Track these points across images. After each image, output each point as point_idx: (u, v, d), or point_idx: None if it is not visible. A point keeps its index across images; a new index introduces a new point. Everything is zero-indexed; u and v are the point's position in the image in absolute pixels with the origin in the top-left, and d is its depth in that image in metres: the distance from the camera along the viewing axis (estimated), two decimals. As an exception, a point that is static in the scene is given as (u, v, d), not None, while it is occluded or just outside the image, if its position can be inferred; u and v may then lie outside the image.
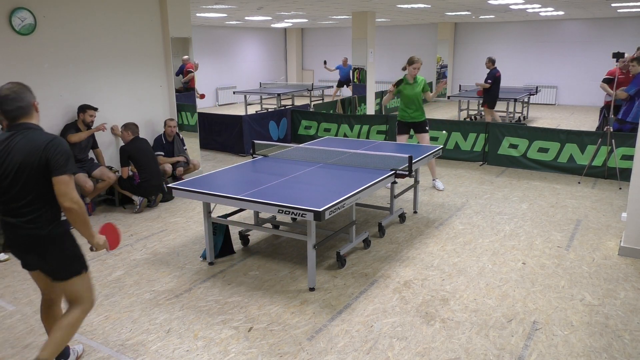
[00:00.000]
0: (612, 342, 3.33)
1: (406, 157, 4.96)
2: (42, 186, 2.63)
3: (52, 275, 2.79)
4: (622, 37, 14.80)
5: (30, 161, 2.60)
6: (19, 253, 2.77)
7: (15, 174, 2.61)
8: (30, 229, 2.65)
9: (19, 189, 2.63)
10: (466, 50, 17.59)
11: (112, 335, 3.49)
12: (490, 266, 4.51)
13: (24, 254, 2.76)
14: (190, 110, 7.84)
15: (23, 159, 2.60)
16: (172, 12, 7.07)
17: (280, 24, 17.50)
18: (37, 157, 2.59)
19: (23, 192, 2.63)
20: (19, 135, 2.64)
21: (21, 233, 2.67)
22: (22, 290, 4.16)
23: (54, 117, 5.93)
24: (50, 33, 5.76)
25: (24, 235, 2.67)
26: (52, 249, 2.72)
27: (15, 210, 2.65)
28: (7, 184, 2.64)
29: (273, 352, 3.27)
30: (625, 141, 7.07)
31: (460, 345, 3.32)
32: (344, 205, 3.88)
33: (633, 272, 4.35)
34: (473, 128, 8.39)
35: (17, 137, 2.64)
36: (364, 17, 11.94)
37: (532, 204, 6.24)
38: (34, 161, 2.59)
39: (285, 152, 5.71)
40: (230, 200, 4.00)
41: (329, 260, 4.66)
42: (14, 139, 2.64)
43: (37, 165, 2.60)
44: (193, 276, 4.39)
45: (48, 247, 2.71)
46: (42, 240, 2.68)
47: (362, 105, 12.48)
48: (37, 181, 2.62)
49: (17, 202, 2.64)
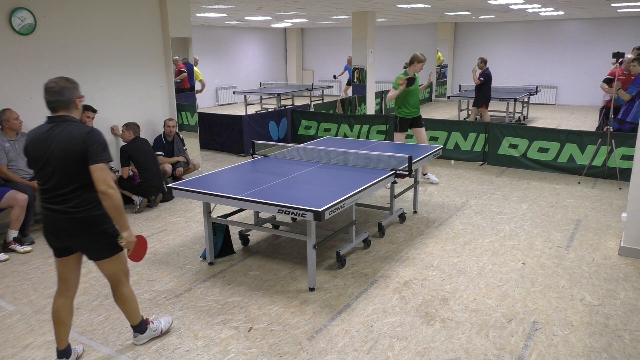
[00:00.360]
0: (612, 342, 3.33)
1: (406, 157, 4.96)
2: (82, 174, 2.85)
3: (94, 255, 3.03)
4: (622, 37, 14.80)
5: (70, 151, 2.82)
6: (59, 239, 2.96)
7: (58, 163, 2.84)
8: (75, 212, 2.87)
9: (61, 177, 2.85)
10: (466, 50, 17.59)
11: (112, 335, 3.49)
12: (490, 266, 4.51)
13: (68, 238, 2.95)
14: (190, 110, 7.84)
15: (64, 149, 2.82)
16: (172, 12, 7.07)
17: (280, 24, 17.50)
18: (77, 148, 2.82)
19: (66, 180, 2.85)
20: (59, 127, 2.88)
21: (66, 217, 2.88)
22: (22, 290, 4.16)
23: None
24: (50, 33, 5.76)
25: (70, 219, 2.88)
26: (95, 230, 2.94)
27: (59, 197, 2.87)
28: (50, 172, 2.86)
29: (273, 352, 3.27)
30: (625, 141, 7.07)
31: (460, 345, 3.32)
32: (344, 205, 3.88)
33: (633, 272, 4.35)
34: (473, 128, 8.39)
35: (57, 128, 2.88)
36: (364, 17, 11.93)
37: (532, 204, 6.24)
38: (74, 151, 2.82)
39: (285, 152, 5.71)
40: (230, 200, 4.00)
41: (329, 260, 4.66)
42: (55, 130, 2.87)
43: (77, 155, 2.82)
44: (193, 276, 4.40)
45: (92, 228, 2.93)
46: (86, 222, 2.91)
47: (362, 105, 12.48)
48: (78, 169, 2.84)
49: (61, 189, 2.87)
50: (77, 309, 3.84)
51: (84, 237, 2.94)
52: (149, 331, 3.39)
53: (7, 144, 5.16)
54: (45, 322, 3.67)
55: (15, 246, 4.92)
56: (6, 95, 5.45)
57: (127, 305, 3.22)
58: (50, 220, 2.94)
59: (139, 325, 3.33)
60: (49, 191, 2.90)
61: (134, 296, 3.25)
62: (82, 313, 3.79)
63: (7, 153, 5.12)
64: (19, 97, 5.56)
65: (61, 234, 2.94)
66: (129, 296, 3.21)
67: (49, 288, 4.18)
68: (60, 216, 2.89)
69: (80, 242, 2.97)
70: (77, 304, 3.91)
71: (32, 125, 5.64)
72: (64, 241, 2.97)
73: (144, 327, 3.36)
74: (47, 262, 4.71)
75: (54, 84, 2.89)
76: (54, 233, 2.96)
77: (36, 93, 5.73)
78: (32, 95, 5.69)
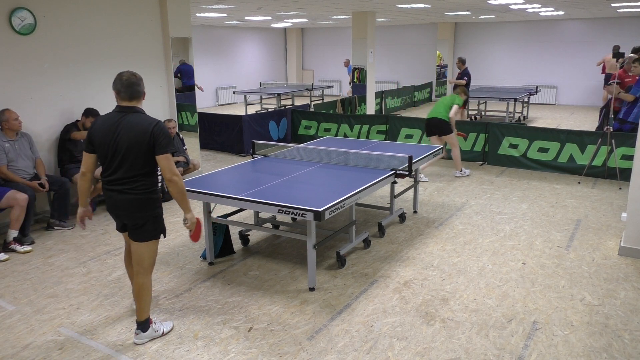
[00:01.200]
0: (612, 342, 3.33)
1: (406, 157, 4.96)
2: (147, 161, 3.12)
3: (137, 234, 3.24)
4: (622, 37, 14.79)
5: (139, 139, 3.08)
6: (119, 217, 3.27)
7: (126, 149, 3.09)
8: (135, 194, 3.15)
9: (127, 162, 3.10)
10: (466, 50, 17.59)
11: (112, 335, 3.49)
12: (490, 266, 4.51)
13: (125, 217, 3.22)
14: (190, 110, 7.84)
15: (132, 137, 3.08)
16: (172, 12, 7.07)
17: (280, 24, 17.50)
18: (145, 138, 3.08)
19: (131, 165, 3.11)
20: (129, 117, 3.14)
21: (127, 198, 3.15)
22: (22, 290, 4.16)
23: (54, 117, 5.93)
24: (50, 33, 5.76)
25: (130, 200, 3.15)
26: (149, 212, 3.21)
27: (123, 180, 3.13)
28: (116, 157, 3.11)
29: (273, 352, 3.27)
30: (625, 141, 7.07)
31: (460, 345, 3.32)
32: (344, 205, 3.88)
33: (633, 272, 4.35)
34: (473, 128, 8.39)
35: (127, 118, 3.14)
36: (364, 17, 11.94)
37: (532, 204, 6.24)
38: (142, 140, 3.08)
39: (285, 152, 5.71)
40: (230, 200, 4.00)
41: (329, 260, 4.66)
42: (125, 119, 3.13)
43: (144, 144, 3.08)
44: (193, 276, 4.39)
45: (146, 209, 3.19)
46: (142, 203, 3.17)
47: (362, 105, 12.48)
48: (143, 157, 3.10)
49: (126, 173, 3.12)
50: (77, 309, 3.84)
51: (136, 216, 3.19)
52: (151, 330, 3.42)
53: (7, 144, 5.15)
54: (45, 322, 3.67)
55: (15, 246, 4.92)
56: (6, 95, 5.44)
57: (143, 297, 3.33)
58: (112, 200, 3.21)
59: (144, 323, 3.39)
60: (113, 174, 3.15)
61: (151, 291, 3.37)
62: (82, 313, 3.79)
63: (7, 153, 5.12)
64: (19, 97, 5.56)
65: (120, 213, 3.22)
66: (147, 288, 3.33)
67: (49, 288, 4.18)
68: (122, 197, 3.15)
69: (132, 220, 3.21)
70: (77, 304, 3.92)
71: (32, 125, 5.68)
72: (123, 219, 3.26)
73: (147, 325, 3.40)
74: (47, 262, 4.71)
75: (132, 75, 3.16)
76: (115, 212, 3.26)
77: (36, 93, 5.73)
78: (32, 95, 5.69)
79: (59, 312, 3.81)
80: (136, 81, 3.18)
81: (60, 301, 3.98)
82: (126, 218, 3.23)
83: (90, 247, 5.05)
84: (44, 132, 5.85)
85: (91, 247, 5.06)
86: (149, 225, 3.23)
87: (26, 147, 5.33)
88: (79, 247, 5.05)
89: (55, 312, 3.81)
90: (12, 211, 4.91)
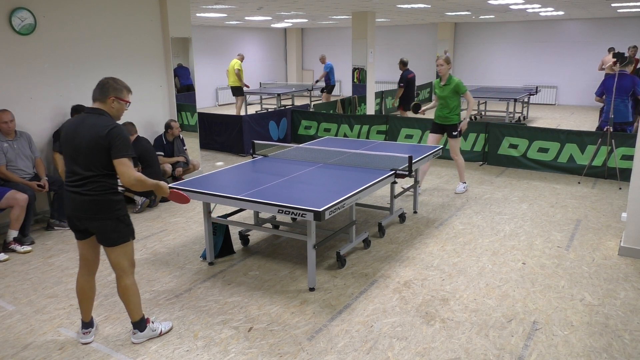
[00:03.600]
0: (612, 342, 3.33)
1: (406, 157, 4.96)
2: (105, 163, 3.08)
3: (105, 239, 3.21)
4: (622, 37, 14.79)
5: (96, 140, 3.04)
6: (80, 220, 3.18)
7: (84, 150, 3.07)
8: (94, 195, 3.10)
9: (85, 162, 3.08)
10: (466, 50, 17.59)
11: (112, 335, 3.49)
12: (490, 266, 4.51)
13: (86, 221, 3.16)
14: (190, 110, 7.84)
15: (90, 138, 3.05)
16: (172, 12, 7.07)
17: (280, 24, 17.50)
18: (101, 139, 3.04)
19: (89, 165, 3.08)
20: (91, 118, 3.13)
21: (86, 199, 3.11)
22: (22, 290, 4.16)
23: (54, 117, 5.93)
24: (50, 33, 5.76)
25: (89, 202, 3.11)
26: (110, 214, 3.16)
27: (82, 181, 3.10)
28: (76, 157, 3.10)
29: (273, 352, 3.27)
30: (625, 141, 7.07)
31: (460, 345, 3.32)
32: (344, 205, 3.88)
33: (633, 272, 4.35)
34: (473, 128, 8.39)
35: (89, 119, 3.13)
36: (364, 17, 11.93)
37: (532, 204, 6.24)
38: (98, 142, 3.04)
39: (285, 152, 5.71)
40: (230, 200, 4.00)
41: (329, 260, 4.66)
42: (87, 119, 3.13)
43: (101, 146, 3.04)
44: (193, 276, 4.39)
45: (107, 211, 3.15)
46: (102, 205, 3.13)
47: (362, 105, 12.48)
48: (101, 158, 3.07)
49: (84, 173, 3.09)
50: (77, 309, 3.84)
51: (99, 220, 3.14)
52: (148, 330, 3.41)
53: (6, 144, 5.15)
54: (45, 322, 3.67)
55: (15, 246, 4.92)
56: (6, 95, 5.44)
57: (129, 298, 3.30)
58: (72, 202, 3.15)
59: (139, 323, 3.38)
60: (73, 174, 3.13)
61: (137, 291, 3.34)
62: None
63: (5, 153, 5.12)
64: (18, 97, 5.56)
65: (81, 215, 3.16)
66: (132, 289, 3.30)
67: (49, 288, 4.18)
68: (82, 198, 3.11)
69: (95, 225, 3.17)
70: (77, 304, 3.92)
71: (32, 125, 5.68)
72: (84, 223, 3.18)
73: (143, 325, 3.40)
74: (47, 262, 4.71)
75: (109, 79, 3.22)
76: (75, 215, 3.18)
77: (36, 93, 5.73)
78: (32, 95, 5.69)
79: (59, 312, 3.81)
80: (106, 83, 3.18)
81: (60, 301, 3.98)
82: (87, 221, 3.16)
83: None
84: (44, 131, 5.85)
85: (91, 247, 5.06)
86: (112, 227, 3.17)
87: (25, 146, 5.33)
88: (79, 247, 5.05)
89: (55, 312, 3.81)
90: (12, 211, 4.91)
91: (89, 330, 3.43)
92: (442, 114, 6.49)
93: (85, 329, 3.43)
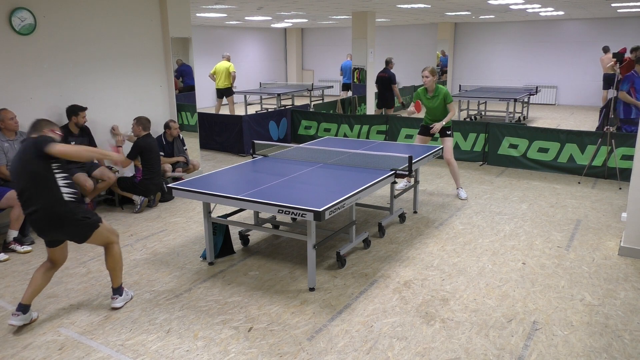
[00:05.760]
0: (612, 342, 3.33)
1: (406, 157, 4.96)
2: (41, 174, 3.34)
3: (80, 239, 3.55)
4: (622, 37, 14.79)
5: (27, 156, 3.33)
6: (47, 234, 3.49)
7: (20, 170, 3.36)
8: (47, 209, 3.38)
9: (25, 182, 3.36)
10: (466, 50, 17.60)
11: (112, 335, 3.49)
12: (490, 266, 4.51)
13: (53, 233, 3.47)
14: (190, 110, 7.84)
15: (22, 157, 3.36)
16: (172, 12, 7.07)
17: (280, 24, 17.50)
18: (30, 150, 3.33)
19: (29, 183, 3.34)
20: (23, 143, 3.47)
21: (41, 216, 3.39)
22: (22, 290, 4.16)
23: (54, 117, 5.92)
24: (50, 33, 5.76)
25: (45, 216, 3.39)
26: (70, 222, 3.44)
27: (31, 200, 3.37)
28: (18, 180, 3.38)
29: (273, 352, 3.27)
30: (625, 141, 7.07)
31: (460, 345, 3.32)
32: (344, 205, 3.88)
33: (633, 272, 4.35)
34: (473, 128, 8.39)
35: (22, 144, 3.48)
36: (364, 17, 11.94)
37: (532, 204, 6.24)
38: (29, 155, 3.32)
39: (285, 152, 5.71)
40: (230, 200, 4.00)
41: (329, 260, 4.66)
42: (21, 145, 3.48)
43: (32, 157, 3.32)
44: (193, 276, 4.39)
45: (66, 221, 3.42)
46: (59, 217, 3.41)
47: (362, 105, 12.48)
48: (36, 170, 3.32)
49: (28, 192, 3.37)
50: (77, 309, 3.84)
51: (64, 229, 3.46)
52: (125, 294, 3.89)
53: (6, 143, 5.15)
54: (45, 322, 3.67)
55: (15, 246, 4.92)
56: (6, 95, 5.44)
57: (117, 264, 3.74)
58: (35, 226, 3.44)
59: (119, 289, 3.85)
60: (22, 196, 3.41)
61: (121, 257, 3.78)
62: (82, 313, 3.79)
63: (6, 153, 5.12)
64: (18, 97, 5.56)
65: (45, 229, 3.45)
66: (120, 254, 3.75)
67: (49, 288, 4.18)
68: (37, 216, 3.39)
69: (63, 233, 3.50)
70: (78, 304, 3.92)
71: (32, 125, 5.67)
72: (52, 235, 3.51)
73: (122, 290, 3.88)
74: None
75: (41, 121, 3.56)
76: (40, 232, 3.48)
77: (36, 93, 5.73)
78: (32, 95, 5.69)
79: (59, 312, 3.81)
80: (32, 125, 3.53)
81: (60, 301, 3.98)
82: (55, 233, 3.48)
83: (90, 247, 5.05)
84: (44, 132, 5.84)
85: (91, 247, 5.05)
86: (79, 228, 3.49)
87: (26, 147, 5.32)
88: (79, 247, 5.05)
89: (55, 312, 3.81)
90: (12, 211, 4.91)
91: (19, 314, 3.52)
92: (433, 119, 6.48)
93: (18, 310, 3.53)
